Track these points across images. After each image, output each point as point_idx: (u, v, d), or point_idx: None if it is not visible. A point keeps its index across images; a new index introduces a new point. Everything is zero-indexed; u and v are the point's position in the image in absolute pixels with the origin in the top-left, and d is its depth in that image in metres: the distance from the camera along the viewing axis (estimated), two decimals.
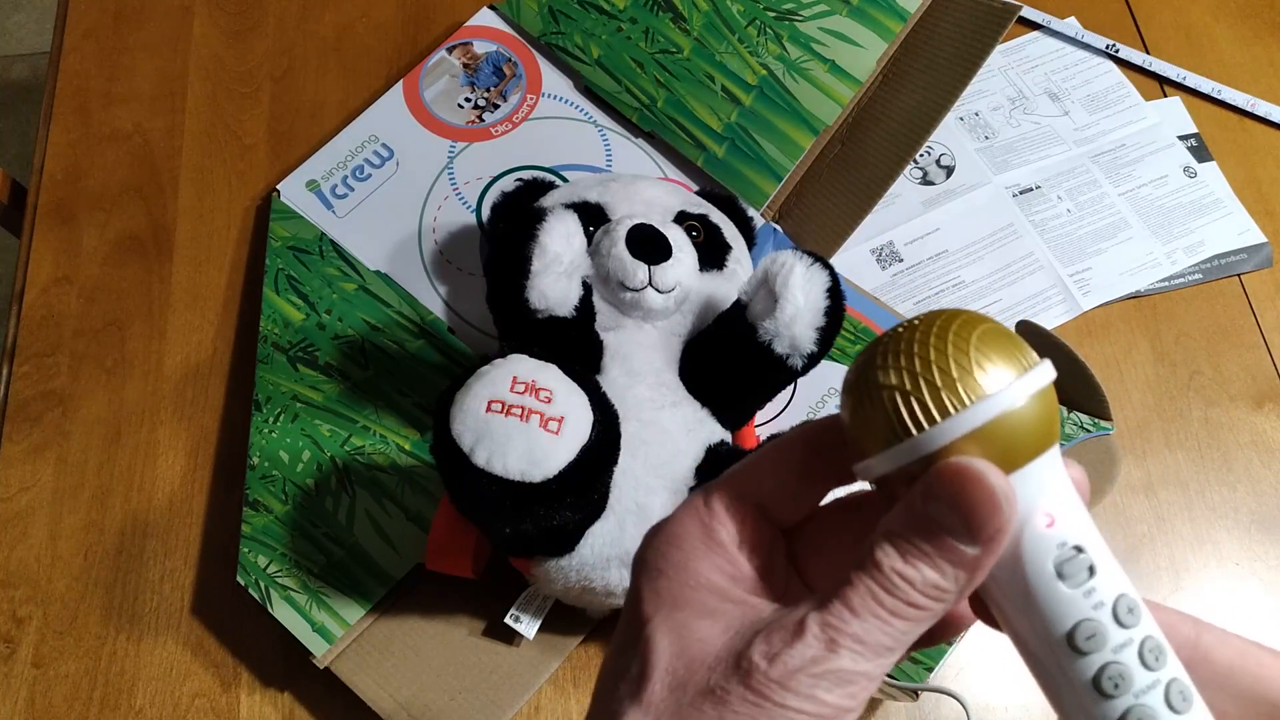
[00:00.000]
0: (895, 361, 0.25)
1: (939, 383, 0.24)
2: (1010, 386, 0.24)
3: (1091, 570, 0.24)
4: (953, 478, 0.23)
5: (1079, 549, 0.24)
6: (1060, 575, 0.24)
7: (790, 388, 0.67)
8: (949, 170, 0.77)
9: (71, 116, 0.78)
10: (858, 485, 0.28)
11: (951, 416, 0.24)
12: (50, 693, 0.61)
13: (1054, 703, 0.25)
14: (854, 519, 0.28)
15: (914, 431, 0.24)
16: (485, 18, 0.78)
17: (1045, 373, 0.25)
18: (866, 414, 0.25)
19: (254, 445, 0.64)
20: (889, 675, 0.59)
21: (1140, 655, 0.24)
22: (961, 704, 0.58)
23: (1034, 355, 0.25)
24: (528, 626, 0.58)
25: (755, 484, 0.27)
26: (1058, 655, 0.24)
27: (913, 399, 0.24)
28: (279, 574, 0.60)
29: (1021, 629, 0.25)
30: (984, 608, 0.27)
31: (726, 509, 0.27)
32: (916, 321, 0.25)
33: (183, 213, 0.75)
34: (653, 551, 0.27)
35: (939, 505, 0.23)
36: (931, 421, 0.24)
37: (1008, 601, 0.25)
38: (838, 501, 0.29)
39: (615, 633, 0.27)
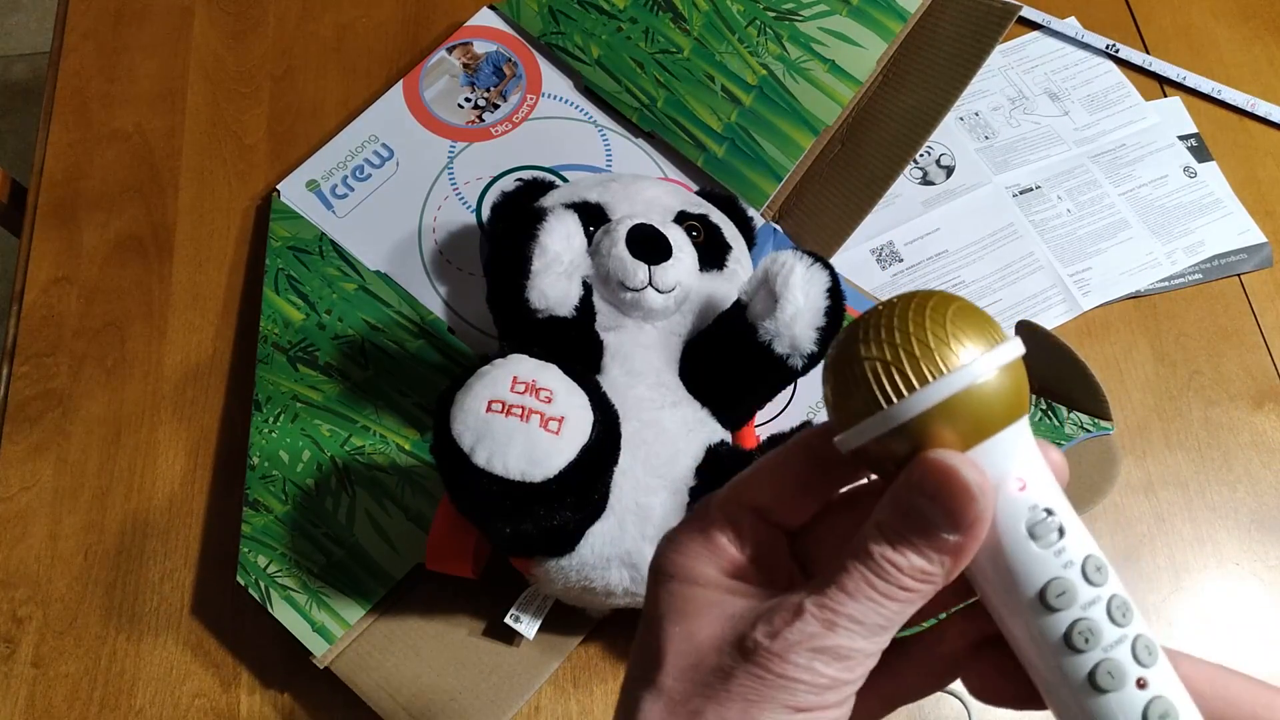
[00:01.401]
0: (872, 336, 0.26)
1: (915, 355, 0.25)
2: (980, 359, 0.25)
3: (1061, 531, 0.26)
4: (932, 472, 0.25)
5: (1049, 511, 0.26)
6: (1032, 536, 0.26)
7: (790, 388, 0.67)
8: (949, 170, 0.77)
9: (71, 116, 0.78)
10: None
11: (926, 386, 0.25)
12: (50, 693, 0.61)
13: (1026, 662, 0.27)
14: (851, 513, 0.29)
15: (890, 401, 0.25)
16: (485, 18, 0.78)
17: (1014, 347, 0.26)
18: (845, 388, 0.26)
19: (254, 445, 0.64)
20: None
21: (1108, 612, 0.26)
22: (963, 703, 0.58)
23: (1004, 332, 0.26)
24: (528, 626, 0.58)
25: (755, 492, 0.29)
26: (1030, 613, 0.26)
27: (892, 370, 0.25)
28: (279, 574, 0.60)
29: (995, 589, 0.26)
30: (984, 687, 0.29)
31: (728, 516, 0.29)
32: (894, 301, 0.27)
33: (183, 213, 0.75)
34: (662, 557, 0.29)
35: (921, 498, 0.25)
36: (907, 391, 0.25)
37: (982, 563, 0.26)
38: (836, 497, 0.30)
39: (635, 639, 0.29)
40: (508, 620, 0.58)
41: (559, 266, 0.53)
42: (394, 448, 0.64)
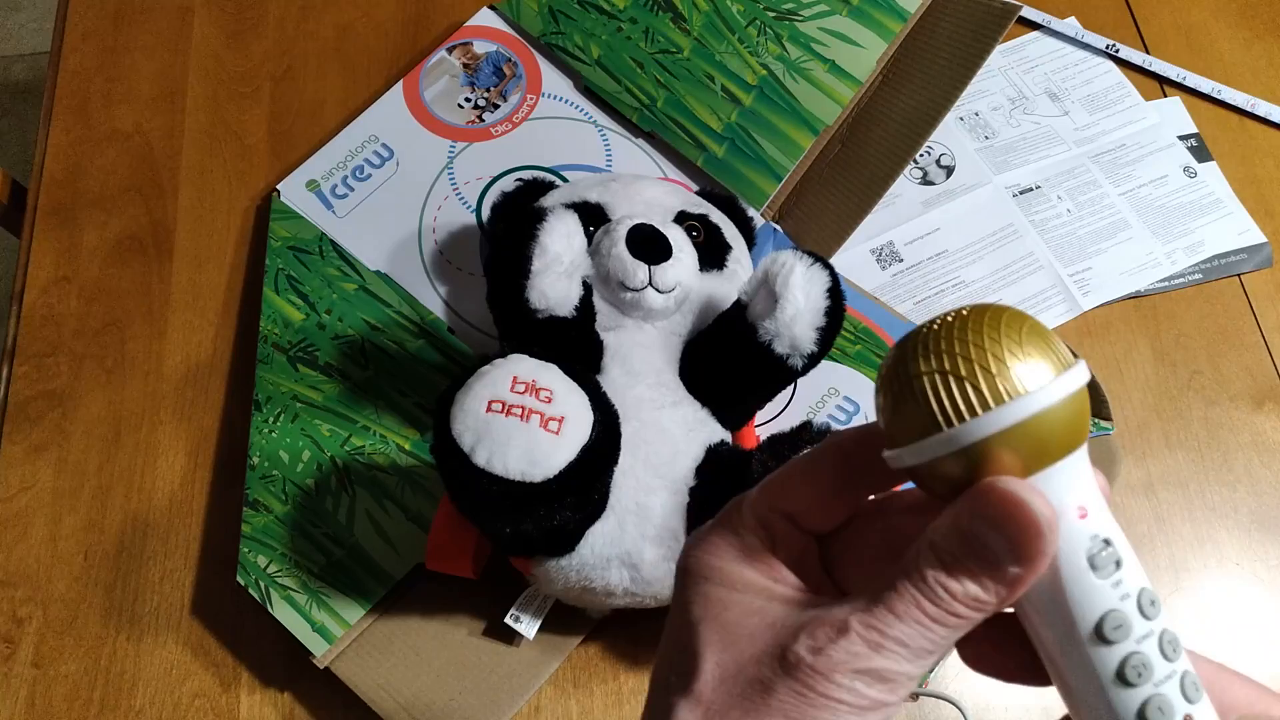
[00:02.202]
0: (935, 352, 0.25)
1: (979, 376, 0.24)
2: (1049, 385, 0.24)
3: (1119, 563, 0.25)
4: (999, 502, 0.24)
5: (1108, 541, 0.25)
6: (1092, 566, 0.25)
7: (790, 388, 0.67)
8: (949, 170, 0.77)
9: (71, 116, 0.78)
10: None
11: (991, 411, 0.24)
12: (50, 693, 0.61)
13: (1070, 694, 0.26)
14: (880, 521, 0.29)
15: (954, 422, 0.24)
16: (485, 18, 0.78)
17: (1081, 372, 0.25)
18: (903, 403, 0.25)
19: (254, 445, 0.64)
20: None
21: (1160, 646, 0.25)
22: (959, 709, 0.58)
23: (1069, 353, 0.25)
24: (528, 626, 0.58)
25: (787, 495, 0.28)
26: (1085, 645, 0.25)
27: (954, 390, 0.24)
28: (279, 574, 0.60)
29: (1049, 620, 0.26)
30: (978, 657, 0.28)
31: (759, 519, 0.28)
32: (958, 315, 0.26)
33: (183, 213, 0.75)
34: (693, 559, 0.28)
35: (984, 526, 0.24)
36: (972, 414, 0.24)
37: (1038, 592, 0.25)
38: (865, 504, 0.29)
39: (662, 639, 0.28)
40: (508, 620, 0.58)
41: (559, 266, 0.53)
42: (394, 448, 0.64)
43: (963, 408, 0.24)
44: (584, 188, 0.62)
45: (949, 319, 0.25)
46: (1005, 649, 0.27)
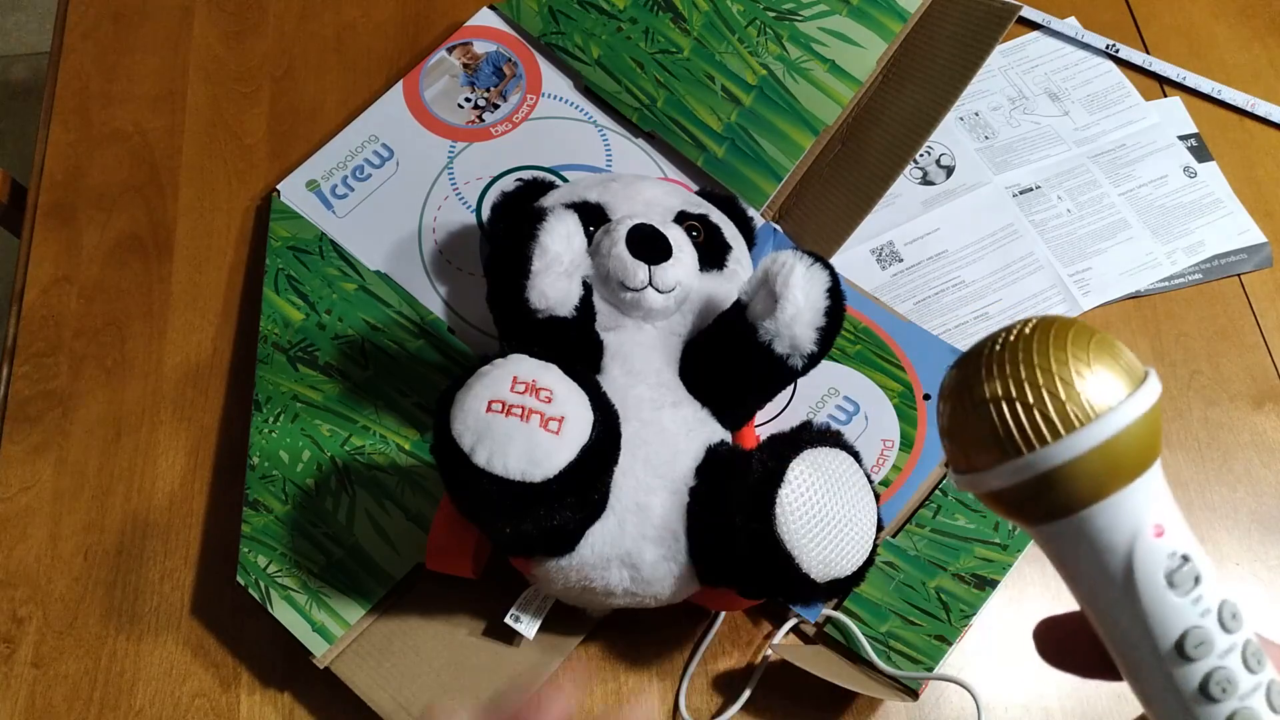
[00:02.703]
0: (1003, 376, 0.24)
1: (1051, 401, 0.24)
2: (1122, 405, 0.24)
3: (1198, 579, 0.24)
4: None
5: (1186, 557, 0.24)
6: (1171, 584, 0.24)
7: (790, 388, 0.66)
8: (949, 170, 0.77)
9: (71, 116, 0.78)
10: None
11: (1064, 438, 0.23)
12: (50, 693, 0.61)
13: (1150, 705, 0.25)
14: None
15: (1026, 449, 0.24)
16: (485, 18, 0.78)
17: (1153, 387, 0.24)
18: (974, 426, 0.25)
19: (254, 445, 0.64)
20: (896, 669, 0.59)
21: (1244, 659, 0.25)
22: (971, 693, 0.58)
23: (1138, 363, 0.25)
24: (528, 626, 0.58)
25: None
26: (1166, 664, 0.24)
27: (1026, 416, 0.24)
28: (279, 574, 0.60)
29: (1129, 640, 0.25)
30: (1084, 665, 0.27)
31: None
32: (1020, 333, 0.25)
33: (183, 213, 0.75)
34: None
35: None
36: (1042, 441, 0.24)
37: (1117, 613, 0.25)
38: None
39: None
40: (508, 620, 0.58)
41: (559, 266, 0.53)
42: (394, 448, 0.64)
43: (1033, 434, 0.24)
44: (584, 188, 0.62)
45: (1012, 337, 0.25)
46: (1084, 645, 0.27)
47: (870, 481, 0.53)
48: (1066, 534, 0.25)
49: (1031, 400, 0.24)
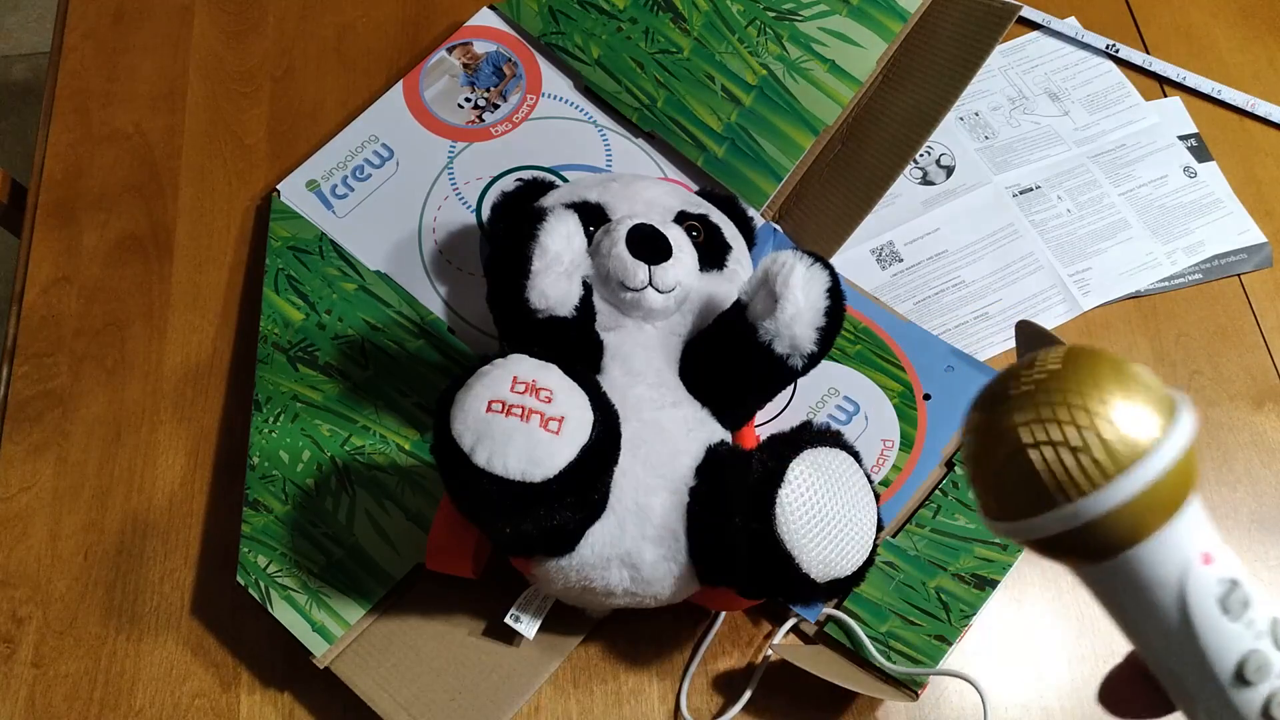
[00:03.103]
0: (1043, 415, 0.23)
1: (1102, 437, 0.23)
2: (1171, 435, 0.23)
3: (1248, 602, 0.24)
4: None
5: (1235, 581, 0.24)
6: (1224, 610, 0.24)
7: (790, 388, 0.66)
8: (949, 170, 0.77)
9: (71, 116, 0.78)
10: None
11: (1122, 474, 0.23)
12: (50, 693, 0.61)
13: None
14: None
15: (1083, 492, 0.23)
16: (485, 18, 0.78)
17: (1189, 419, 0.24)
18: (1010, 473, 0.24)
19: (254, 445, 0.64)
20: (897, 668, 0.59)
21: None
22: (976, 688, 0.58)
23: (1166, 389, 0.24)
24: (528, 626, 0.58)
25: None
26: (1225, 690, 0.24)
27: (1078, 457, 0.23)
28: (279, 574, 0.60)
29: (1186, 671, 0.24)
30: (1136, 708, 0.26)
31: None
32: (1050, 372, 0.23)
33: (183, 213, 0.75)
34: None
35: None
36: (1102, 480, 0.23)
37: (1173, 645, 0.24)
38: None
39: None
40: (508, 620, 0.58)
41: (559, 266, 0.53)
42: (394, 448, 0.64)
43: (1079, 481, 0.23)
44: (584, 188, 0.62)
45: (1040, 375, 0.24)
46: (1144, 692, 0.26)
47: (870, 481, 0.53)
48: (1116, 573, 0.24)
49: (1073, 445, 0.23)
